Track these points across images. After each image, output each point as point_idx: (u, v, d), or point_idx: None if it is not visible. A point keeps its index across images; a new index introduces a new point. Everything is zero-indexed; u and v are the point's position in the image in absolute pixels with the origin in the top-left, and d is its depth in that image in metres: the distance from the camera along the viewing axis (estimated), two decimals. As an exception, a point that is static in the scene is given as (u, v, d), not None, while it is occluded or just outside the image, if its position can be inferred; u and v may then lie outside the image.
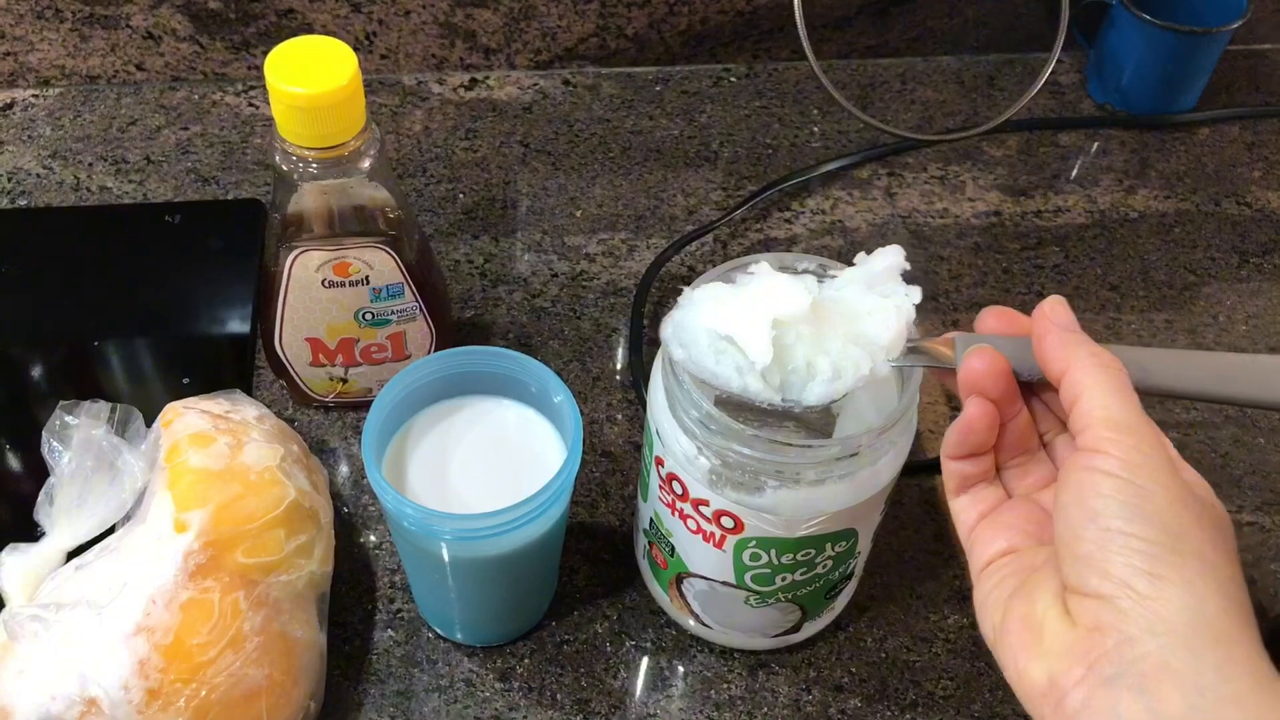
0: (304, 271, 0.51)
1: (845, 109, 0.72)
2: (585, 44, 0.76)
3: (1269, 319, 0.66)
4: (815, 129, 0.75)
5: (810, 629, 0.51)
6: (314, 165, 0.48)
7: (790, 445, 0.42)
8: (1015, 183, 0.73)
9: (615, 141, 0.73)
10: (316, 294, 0.52)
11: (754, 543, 0.44)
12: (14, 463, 0.57)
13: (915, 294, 0.43)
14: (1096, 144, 0.75)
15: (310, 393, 0.58)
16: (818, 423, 0.47)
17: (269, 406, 0.54)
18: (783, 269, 0.45)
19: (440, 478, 0.47)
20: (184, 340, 0.62)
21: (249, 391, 0.59)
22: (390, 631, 0.52)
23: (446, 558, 0.46)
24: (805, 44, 0.64)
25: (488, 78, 0.76)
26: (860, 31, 0.78)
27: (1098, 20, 0.76)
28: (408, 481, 0.47)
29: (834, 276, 0.45)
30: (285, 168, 0.49)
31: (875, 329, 0.42)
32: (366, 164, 0.49)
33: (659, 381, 0.45)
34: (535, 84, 0.76)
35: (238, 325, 0.62)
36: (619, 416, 0.59)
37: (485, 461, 0.47)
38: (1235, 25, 0.72)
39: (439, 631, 0.52)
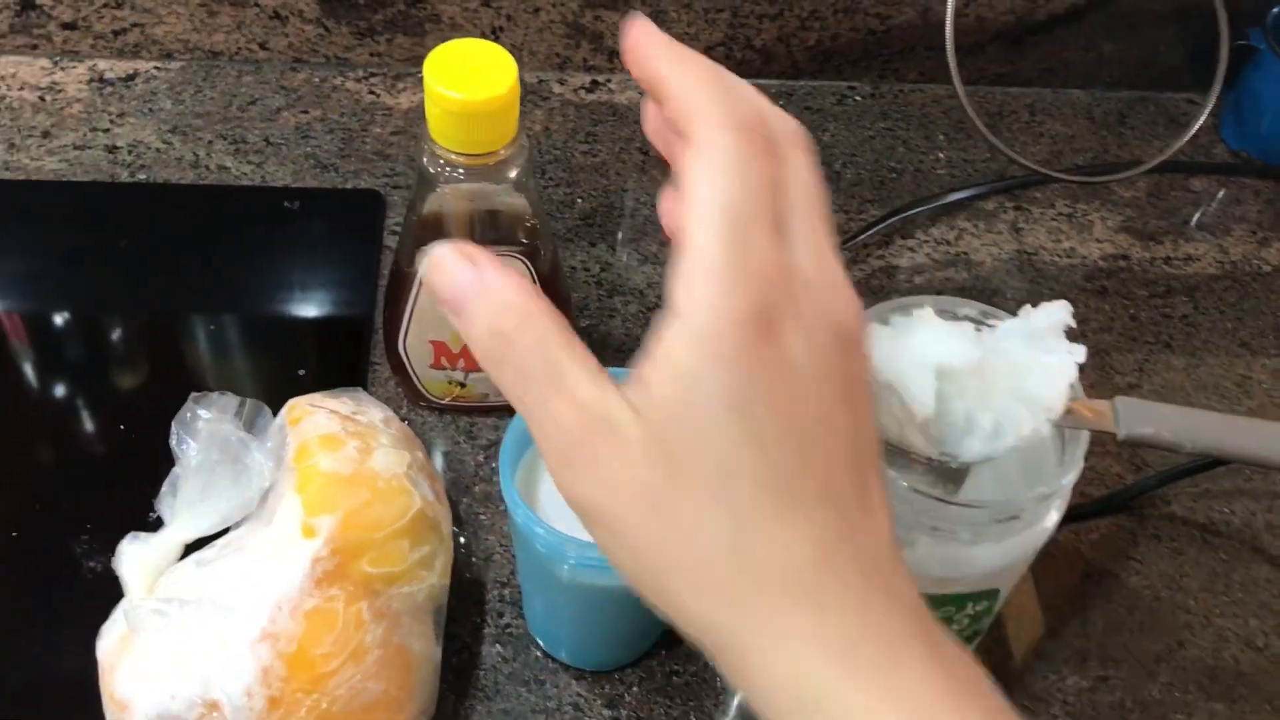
0: None
1: (975, 136, 0.70)
2: (711, 53, 0.74)
3: (1407, 389, 0.64)
4: (941, 155, 0.73)
5: (929, 681, 0.49)
6: (461, 170, 0.48)
7: (950, 503, 0.40)
8: (1145, 226, 0.71)
9: (736, 155, 0.72)
10: None
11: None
12: (131, 446, 0.56)
13: (1080, 353, 0.41)
14: (1230, 192, 0.73)
15: (427, 394, 0.57)
16: (950, 474, 0.46)
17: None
18: (941, 313, 0.43)
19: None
20: (300, 330, 0.61)
21: (364, 387, 0.58)
22: (498, 647, 0.51)
23: (569, 582, 0.45)
24: (952, 66, 0.62)
25: (610, 80, 0.75)
26: (991, 59, 0.76)
27: (1239, 63, 0.74)
28: (538, 498, 0.46)
29: (993, 326, 0.43)
30: (432, 170, 0.48)
31: (1038, 387, 0.41)
32: (513, 173, 0.48)
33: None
34: (657, 89, 0.75)
35: (354, 319, 0.61)
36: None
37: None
38: (1389, 80, 0.69)
39: (547, 650, 0.51)
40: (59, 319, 0.61)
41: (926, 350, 0.40)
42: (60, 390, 0.59)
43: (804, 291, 0.29)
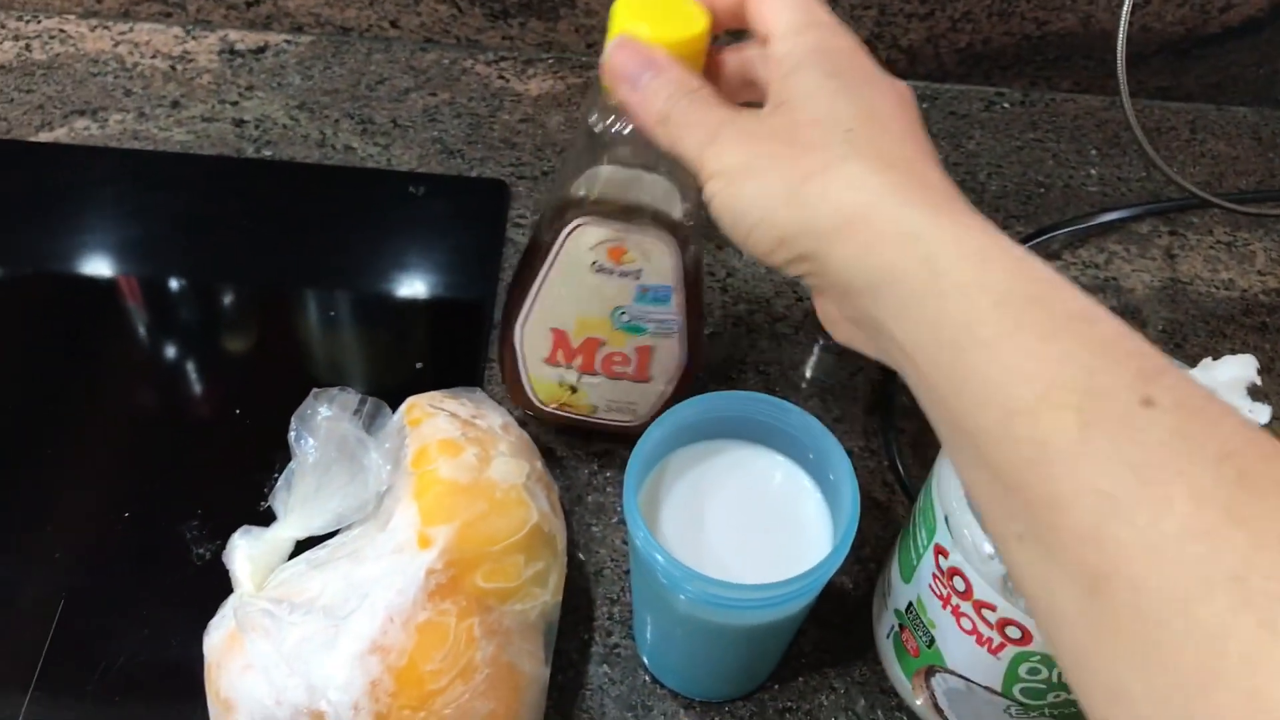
0: (576, 247, 0.47)
1: (1130, 153, 0.66)
2: (853, 51, 0.71)
3: None
4: (1093, 171, 0.69)
5: (1062, 744, 0.46)
6: (628, 132, 0.43)
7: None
8: (1313, 260, 0.66)
9: (874, 160, 0.68)
10: (581, 277, 0.47)
11: (1038, 658, 0.40)
12: (245, 432, 0.55)
13: (1263, 413, 0.38)
14: None
15: (533, 396, 0.53)
16: None
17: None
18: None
19: (694, 524, 0.44)
20: (419, 321, 0.60)
21: (480, 385, 0.57)
22: (605, 667, 0.49)
23: (685, 612, 0.43)
24: (1121, 77, 0.58)
25: (746, 75, 0.72)
26: (1154, 71, 0.71)
27: None
28: (659, 522, 0.44)
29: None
30: (597, 129, 0.44)
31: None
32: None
33: (949, 469, 0.41)
34: (793, 87, 0.72)
35: (473, 313, 0.60)
36: (859, 467, 0.55)
37: (743, 516, 0.44)
38: None
39: (655, 676, 0.49)
40: (178, 292, 0.61)
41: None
42: (176, 366, 0.59)
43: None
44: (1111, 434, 0.27)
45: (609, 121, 0.44)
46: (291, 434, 0.46)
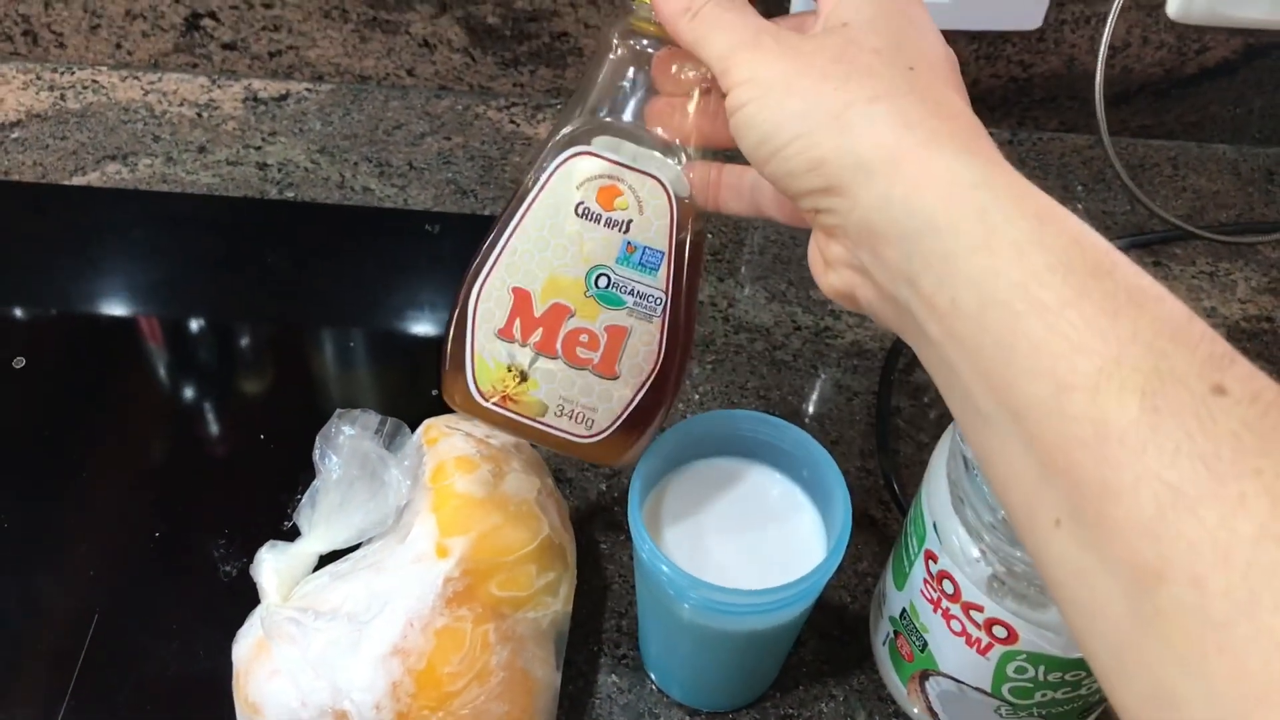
0: (563, 184, 0.41)
1: (1115, 188, 0.69)
2: (848, 94, 0.75)
3: None
4: (1079, 206, 0.72)
5: (1052, 746, 0.48)
6: (651, 43, 0.40)
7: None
8: (1292, 289, 0.68)
9: (869, 197, 0.72)
10: (561, 221, 0.41)
11: (1024, 656, 0.42)
12: (269, 455, 0.58)
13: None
14: (1385, 257, 0.71)
15: (473, 384, 0.44)
16: None
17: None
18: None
19: (696, 537, 0.46)
20: (435, 350, 0.63)
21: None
22: (614, 677, 0.51)
23: (689, 621, 0.45)
24: (1100, 116, 0.61)
25: (745, 118, 0.76)
26: (1136, 110, 0.74)
27: (1400, 125, 0.71)
28: (663, 535, 0.46)
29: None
30: (622, 50, 0.41)
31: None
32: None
33: (941, 473, 0.44)
34: (791, 128, 0.75)
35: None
36: (855, 487, 0.58)
37: (742, 530, 0.46)
38: None
39: (661, 685, 0.51)
40: (206, 326, 0.64)
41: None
42: (203, 395, 0.61)
43: None
44: (1180, 421, 0.25)
45: (635, 47, 0.41)
46: (316, 452, 0.48)
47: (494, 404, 0.44)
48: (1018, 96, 0.74)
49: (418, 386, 0.61)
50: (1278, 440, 0.24)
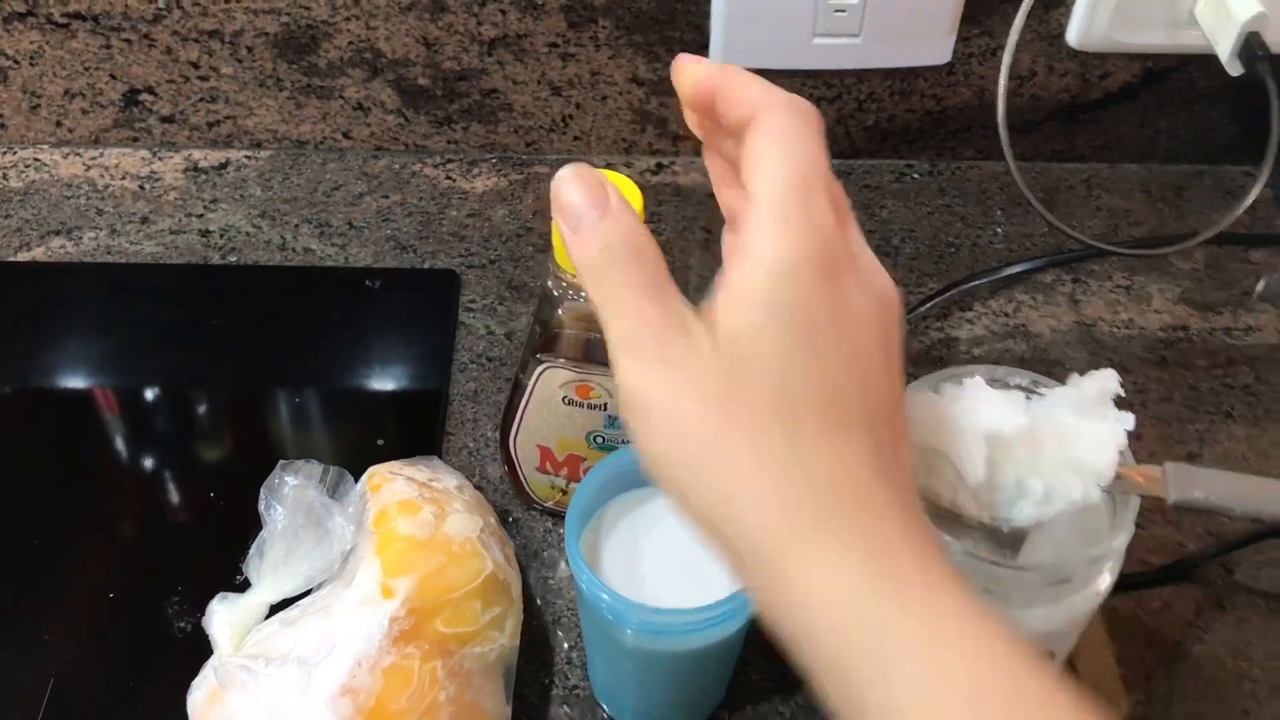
0: (548, 386, 0.53)
1: (1032, 211, 0.72)
2: (771, 134, 0.78)
3: None
4: (999, 230, 0.75)
5: (990, 747, 0.50)
6: (582, 293, 0.49)
7: (1003, 566, 0.41)
8: (1204, 298, 0.71)
9: (797, 232, 0.74)
10: (555, 408, 0.54)
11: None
12: (220, 514, 0.59)
13: (1128, 420, 0.43)
14: (1290, 263, 0.74)
15: (532, 495, 0.59)
16: (1007, 538, 0.47)
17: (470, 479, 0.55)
18: (992, 382, 0.45)
19: (632, 566, 0.48)
20: (380, 401, 0.65)
21: (439, 456, 0.61)
22: (566, 708, 0.53)
23: (632, 646, 0.47)
24: (1005, 143, 0.64)
25: (674, 163, 0.78)
26: (1047, 136, 0.78)
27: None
28: (602, 564, 0.48)
29: (1043, 394, 0.45)
30: (555, 291, 0.50)
31: (1088, 453, 0.42)
32: None
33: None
34: (719, 170, 0.78)
35: (430, 391, 0.64)
36: (795, 509, 0.60)
37: (677, 554, 0.48)
38: None
39: (612, 714, 0.52)
40: (154, 393, 0.65)
41: (977, 418, 0.42)
42: (154, 460, 0.62)
43: (857, 259, 0.33)
44: None
45: (564, 288, 0.50)
46: (261, 504, 0.50)
47: (552, 505, 0.59)
48: (934, 128, 0.77)
49: (365, 435, 0.63)
50: None
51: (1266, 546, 0.58)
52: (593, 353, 0.52)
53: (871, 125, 0.77)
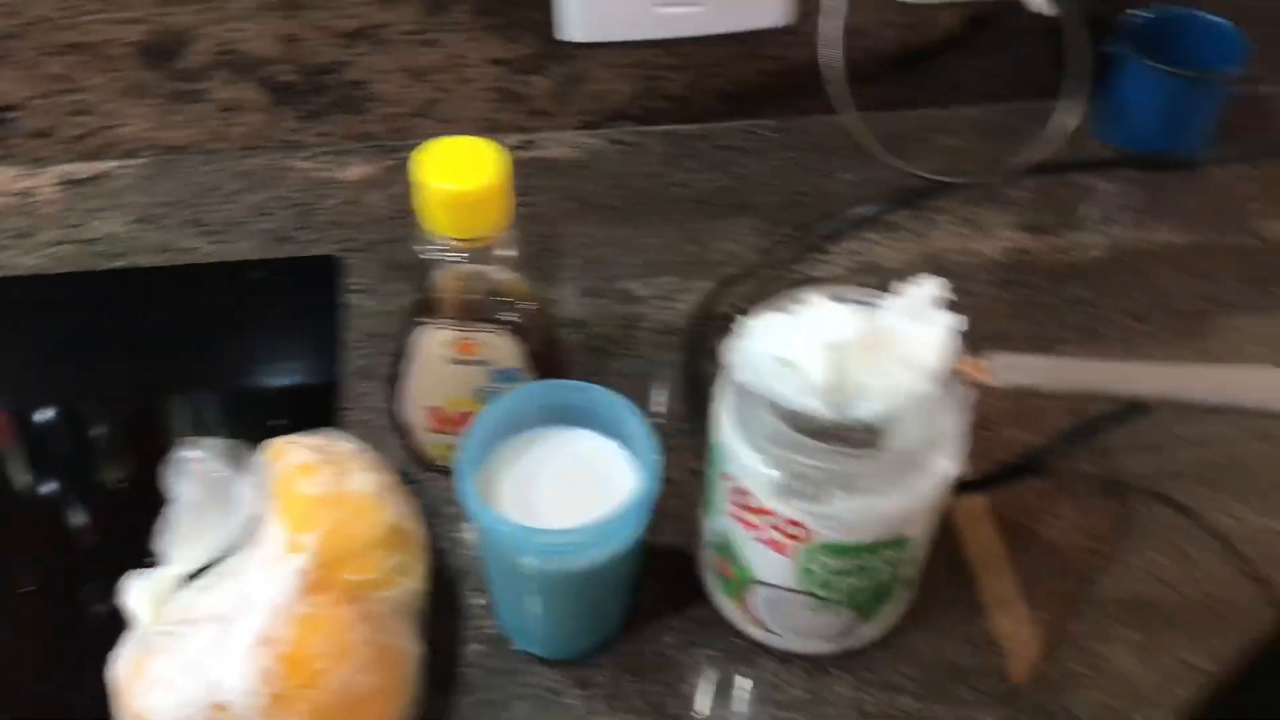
0: (431, 347, 0.55)
1: (873, 156, 0.77)
2: (630, 105, 0.82)
3: (1283, 342, 0.70)
4: (847, 177, 0.80)
5: (869, 633, 0.55)
6: (455, 253, 0.53)
7: (851, 455, 0.46)
8: (1038, 222, 0.77)
9: (661, 194, 0.78)
10: (441, 369, 0.56)
11: (818, 549, 0.49)
12: (127, 503, 0.61)
13: (956, 320, 0.48)
14: (1112, 185, 0.80)
15: (427, 455, 0.61)
16: (872, 441, 0.51)
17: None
18: (836, 298, 0.49)
19: (526, 501, 0.51)
20: (274, 387, 0.67)
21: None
22: (476, 645, 0.56)
23: (531, 572, 0.50)
24: (840, 96, 0.69)
25: (540, 139, 0.82)
26: (888, 86, 0.83)
27: (1107, 68, 0.81)
28: (501, 498, 0.51)
29: (879, 305, 0.49)
30: (428, 258, 0.53)
31: (920, 353, 0.47)
32: (505, 254, 0.54)
33: (724, 402, 0.50)
34: (585, 143, 0.82)
35: (321, 372, 0.67)
36: (675, 446, 0.63)
37: (567, 486, 0.52)
38: (1235, 69, 0.77)
39: (522, 647, 0.56)
40: (51, 401, 0.67)
41: (818, 329, 0.47)
42: (61, 460, 0.64)
43: None
44: None
45: (437, 252, 0.52)
46: (165, 480, 0.52)
47: (449, 465, 0.55)
48: (783, 87, 0.82)
49: (260, 420, 0.65)
50: None
51: (1107, 438, 0.64)
52: (472, 311, 0.55)
53: (721, 89, 0.82)
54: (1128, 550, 0.60)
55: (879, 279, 0.73)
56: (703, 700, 0.54)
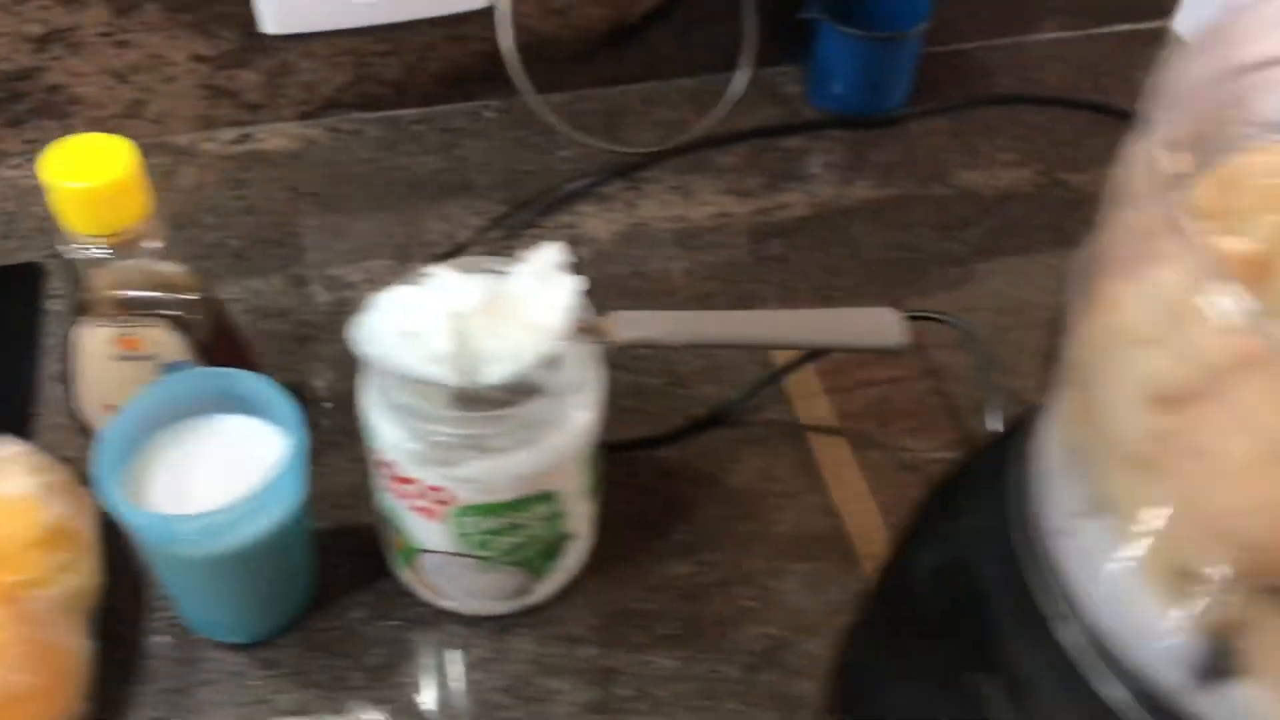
0: (93, 345, 0.55)
1: (595, 134, 0.79)
2: (346, 93, 0.82)
3: (970, 283, 0.74)
4: (564, 153, 0.82)
5: (545, 589, 0.57)
6: (99, 250, 0.53)
7: (474, 417, 0.48)
8: (744, 186, 0.81)
9: (378, 179, 0.79)
10: (107, 366, 0.56)
11: (464, 511, 0.50)
12: None
13: (578, 282, 0.50)
14: (817, 145, 0.84)
15: None
16: (487, 397, 0.51)
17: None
18: (466, 269, 0.51)
19: (180, 490, 0.51)
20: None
21: (30, 438, 0.63)
22: (158, 637, 0.56)
23: (191, 560, 0.51)
24: (520, 78, 0.71)
25: (255, 132, 0.82)
26: (600, 63, 0.85)
27: (808, 34, 0.85)
28: (151, 494, 0.51)
29: (506, 273, 0.51)
30: (73, 256, 0.53)
31: (543, 315, 0.49)
32: (152, 245, 0.54)
33: (365, 377, 0.51)
34: (304, 134, 0.82)
35: (19, 377, 0.66)
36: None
37: (221, 471, 0.52)
38: (920, 29, 0.81)
39: (205, 635, 0.57)
40: None
41: (440, 300, 0.48)
42: None
43: None
44: None
45: (79, 250, 0.52)
46: None
47: None
48: (494, 69, 0.83)
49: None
50: None
51: (786, 386, 0.67)
52: (129, 306, 0.55)
53: (438, 72, 0.83)
54: (804, 489, 0.63)
55: (591, 249, 0.76)
56: (386, 669, 0.56)
